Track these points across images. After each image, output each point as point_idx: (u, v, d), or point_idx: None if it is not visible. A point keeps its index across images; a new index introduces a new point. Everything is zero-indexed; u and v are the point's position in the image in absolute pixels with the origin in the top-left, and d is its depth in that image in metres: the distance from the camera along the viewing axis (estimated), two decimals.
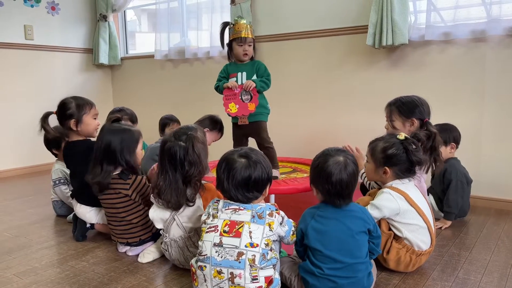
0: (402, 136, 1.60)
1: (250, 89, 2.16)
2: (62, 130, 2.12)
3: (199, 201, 1.68)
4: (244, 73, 2.25)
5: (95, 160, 1.82)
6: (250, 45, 2.24)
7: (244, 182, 1.34)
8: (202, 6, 3.60)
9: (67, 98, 2.08)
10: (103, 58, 4.16)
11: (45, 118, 2.09)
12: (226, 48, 2.34)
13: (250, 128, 2.27)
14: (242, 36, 2.19)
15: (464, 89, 2.51)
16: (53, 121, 2.09)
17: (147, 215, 1.73)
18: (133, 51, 4.49)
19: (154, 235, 1.87)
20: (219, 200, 1.40)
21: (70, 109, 2.02)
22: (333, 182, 1.36)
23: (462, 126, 2.24)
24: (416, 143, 1.61)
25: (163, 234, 1.67)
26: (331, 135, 2.99)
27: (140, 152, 1.91)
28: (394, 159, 1.60)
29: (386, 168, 1.62)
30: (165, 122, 2.77)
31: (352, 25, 2.85)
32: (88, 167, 1.85)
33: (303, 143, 3.11)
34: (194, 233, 1.63)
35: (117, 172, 1.84)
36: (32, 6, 3.72)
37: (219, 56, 3.49)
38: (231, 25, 2.25)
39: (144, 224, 1.84)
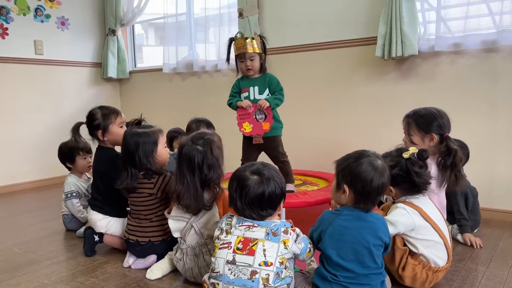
0: (407, 154, 1.54)
1: (264, 108, 2.11)
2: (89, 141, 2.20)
3: (214, 208, 1.68)
4: (256, 88, 2.20)
5: (123, 166, 1.85)
6: (252, 60, 2.17)
7: (258, 201, 1.31)
8: (210, 19, 3.62)
9: (94, 108, 2.11)
10: (112, 72, 4.19)
11: (76, 128, 2.16)
12: (231, 63, 2.33)
13: (265, 143, 2.22)
14: (241, 52, 2.16)
15: (475, 100, 2.47)
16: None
17: (165, 218, 1.77)
18: (141, 64, 4.52)
19: (160, 251, 1.85)
20: (232, 216, 1.38)
21: (96, 120, 2.06)
22: (374, 186, 1.34)
23: (474, 138, 2.20)
24: (421, 163, 1.53)
25: (180, 241, 1.66)
26: (340, 148, 2.92)
27: (163, 150, 1.89)
28: (397, 179, 1.55)
29: (390, 187, 1.58)
30: (173, 136, 2.76)
31: (361, 36, 2.84)
32: (107, 174, 1.93)
33: (312, 155, 3.08)
34: (210, 240, 1.61)
35: (142, 172, 1.86)
36: (42, 21, 3.77)
37: (227, 69, 3.50)
38: (234, 41, 2.22)
39: (159, 226, 1.86)
